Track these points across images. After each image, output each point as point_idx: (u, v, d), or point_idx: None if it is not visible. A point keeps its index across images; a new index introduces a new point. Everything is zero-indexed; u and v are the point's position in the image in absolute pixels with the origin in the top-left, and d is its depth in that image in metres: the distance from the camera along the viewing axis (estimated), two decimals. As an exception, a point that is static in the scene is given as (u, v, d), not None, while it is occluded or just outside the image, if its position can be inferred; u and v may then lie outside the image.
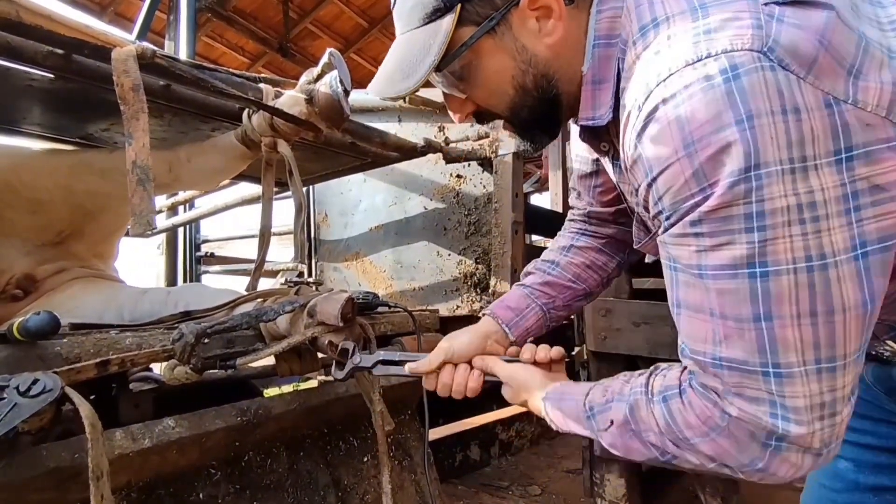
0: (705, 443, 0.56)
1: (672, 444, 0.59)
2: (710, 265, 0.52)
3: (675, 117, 0.50)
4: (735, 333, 0.52)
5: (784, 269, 0.49)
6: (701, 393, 0.56)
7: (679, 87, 0.50)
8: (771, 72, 0.48)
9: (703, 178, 0.49)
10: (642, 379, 0.64)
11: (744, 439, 0.54)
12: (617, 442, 0.64)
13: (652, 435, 0.60)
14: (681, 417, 0.57)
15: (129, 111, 0.97)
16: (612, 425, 0.63)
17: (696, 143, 0.49)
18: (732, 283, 0.51)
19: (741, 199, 0.48)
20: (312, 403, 1.23)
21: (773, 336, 0.50)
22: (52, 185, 1.37)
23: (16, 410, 0.66)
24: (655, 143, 0.52)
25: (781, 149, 0.47)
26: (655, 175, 0.53)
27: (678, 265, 0.55)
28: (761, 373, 0.51)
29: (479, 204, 2.19)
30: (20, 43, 0.98)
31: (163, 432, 0.94)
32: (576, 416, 0.68)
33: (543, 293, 0.90)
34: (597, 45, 0.61)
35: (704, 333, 0.54)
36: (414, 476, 1.51)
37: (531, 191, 5.63)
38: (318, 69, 1.25)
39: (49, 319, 0.81)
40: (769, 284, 0.49)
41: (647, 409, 0.61)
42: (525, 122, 0.70)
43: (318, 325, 0.96)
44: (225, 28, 6.18)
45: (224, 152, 1.42)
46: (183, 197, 2.61)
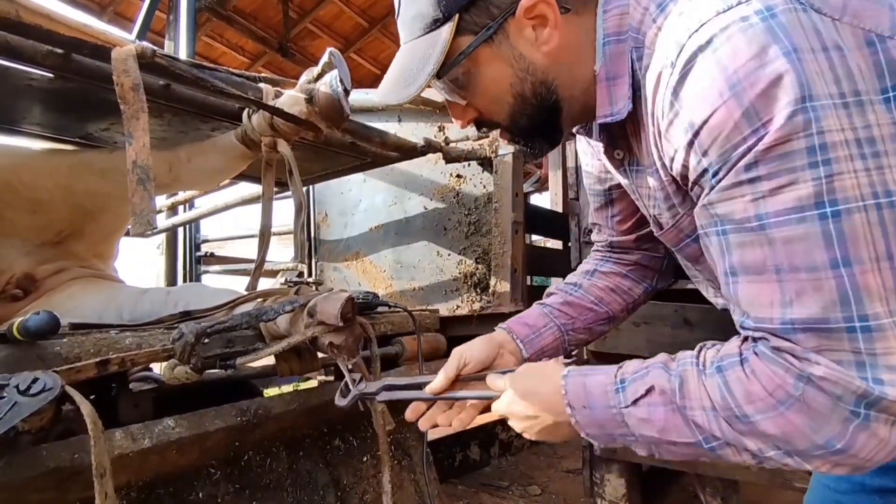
0: (771, 419, 0.48)
1: (726, 425, 0.51)
2: (771, 212, 0.47)
3: (716, 60, 0.48)
4: (810, 287, 0.46)
5: (855, 206, 0.44)
6: (770, 357, 0.49)
7: (715, 30, 0.48)
8: (804, 13, 0.47)
9: (756, 116, 0.46)
10: (690, 353, 0.57)
11: (823, 410, 0.46)
12: (654, 415, 0.55)
13: (700, 413, 0.52)
14: (741, 389, 0.50)
15: (129, 111, 0.97)
16: (650, 394, 0.55)
17: (744, 80, 0.46)
18: (801, 228, 0.46)
19: (801, 131, 0.45)
20: (312, 403, 1.23)
21: (854, 283, 0.45)
22: (52, 185, 1.37)
23: (16, 409, 0.66)
24: (696, 93, 0.49)
25: (829, 84, 0.45)
26: (699, 127, 0.50)
27: (729, 225, 0.50)
28: (846, 329, 0.45)
29: (479, 204, 2.19)
30: (19, 42, 0.98)
31: (162, 432, 0.94)
32: (602, 389, 0.59)
33: (563, 313, 0.87)
34: (607, 43, 0.61)
35: (771, 296, 0.48)
36: (413, 476, 1.51)
37: (531, 190, 5.63)
38: (319, 69, 1.25)
39: (49, 319, 0.81)
40: (842, 224, 0.44)
41: (699, 381, 0.53)
42: (524, 129, 0.70)
43: (318, 324, 0.96)
44: (225, 28, 6.18)
45: (224, 152, 1.42)
46: (183, 197, 2.61)
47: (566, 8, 0.61)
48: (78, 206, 1.43)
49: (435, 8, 0.62)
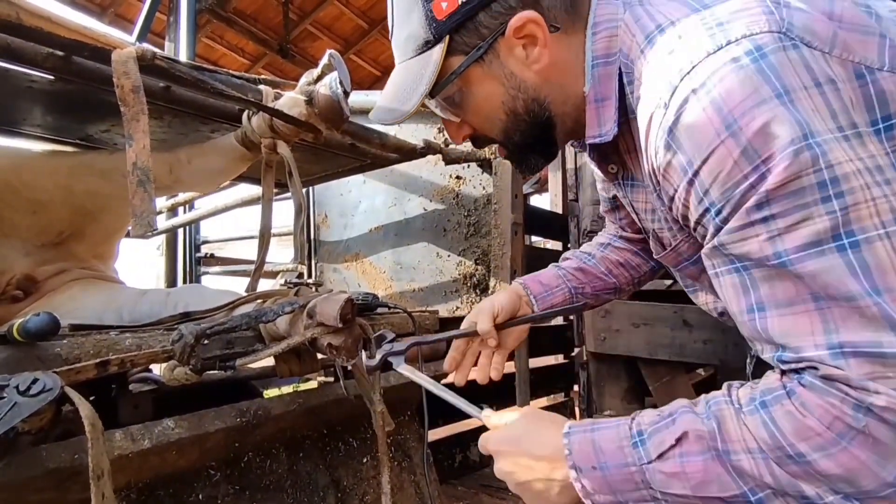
0: (831, 456, 0.44)
1: (777, 468, 0.46)
2: (790, 249, 0.46)
3: (710, 101, 0.48)
4: (854, 313, 0.44)
5: (875, 234, 0.44)
6: (821, 388, 0.45)
7: (707, 73, 0.48)
8: (794, 50, 0.47)
9: (755, 154, 0.46)
10: (719, 393, 0.52)
11: (891, 442, 0.43)
12: (689, 467, 0.48)
13: (745, 458, 0.47)
14: (792, 424, 0.45)
15: (129, 113, 0.97)
16: (681, 443, 0.49)
17: (739, 119, 0.47)
18: (823, 261, 0.45)
19: (809, 167, 0.44)
20: (312, 404, 1.23)
21: (893, 309, 0.43)
22: (53, 186, 1.37)
23: (15, 410, 0.66)
24: (692, 133, 0.49)
25: (826, 119, 0.46)
26: (698, 167, 0.50)
27: (748, 262, 0.49)
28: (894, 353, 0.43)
29: (479, 205, 2.19)
30: (20, 45, 0.98)
31: (162, 433, 0.95)
32: (615, 445, 0.53)
33: (575, 277, 0.94)
34: (596, 66, 0.62)
35: (811, 325, 0.46)
36: (413, 477, 1.51)
37: (530, 192, 5.63)
38: (318, 70, 1.25)
39: (49, 320, 0.82)
40: (863, 254, 0.44)
41: (738, 420, 0.48)
42: (518, 145, 0.71)
43: (317, 325, 0.97)
44: (225, 29, 6.19)
45: (224, 154, 1.42)
46: (183, 198, 2.62)
47: (555, 27, 0.62)
48: (78, 207, 1.43)
49: (426, 30, 0.62)
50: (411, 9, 0.63)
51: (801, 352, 0.47)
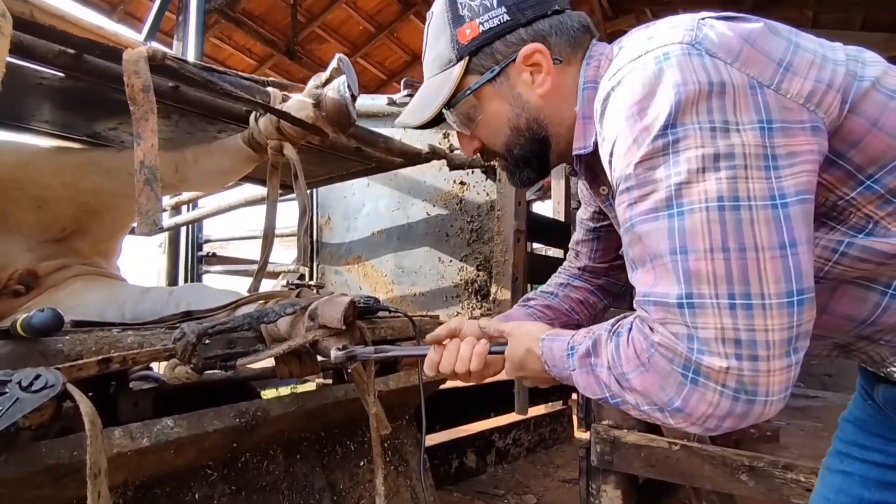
0: (637, 377, 0.59)
1: (616, 383, 0.62)
2: (637, 213, 0.58)
3: (620, 96, 0.59)
4: (661, 270, 0.56)
5: (697, 207, 0.54)
6: (637, 328, 0.60)
7: (623, 75, 0.60)
8: (698, 57, 0.56)
9: (642, 139, 0.57)
10: (614, 318, 0.68)
11: (664, 369, 0.56)
12: (581, 377, 0.66)
13: (604, 371, 0.63)
14: (622, 352, 0.61)
15: (138, 112, 0.98)
16: (582, 359, 0.66)
17: (636, 113, 0.57)
18: (654, 225, 0.56)
19: (660, 151, 0.56)
20: (310, 406, 1.23)
21: (687, 268, 0.54)
22: (58, 183, 1.38)
23: (17, 405, 0.67)
24: (608, 122, 0.61)
25: (701, 113, 0.55)
26: (611, 148, 0.61)
27: (621, 228, 0.62)
28: (677, 304, 0.55)
29: (482, 211, 2.19)
30: (32, 42, 0.99)
31: (161, 432, 0.95)
32: (560, 354, 0.70)
33: (544, 314, 0.99)
34: (586, 88, 0.73)
35: (644, 280, 0.59)
36: (410, 482, 1.51)
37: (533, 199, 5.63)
38: (327, 74, 1.26)
39: (53, 317, 0.82)
40: (684, 221, 0.54)
41: (605, 345, 0.64)
42: (517, 158, 0.80)
43: (319, 328, 0.97)
44: (233, 30, 6.22)
45: (230, 154, 1.43)
46: (186, 197, 2.62)
47: (559, 59, 0.74)
48: (83, 203, 1.44)
49: (451, 51, 0.75)
50: (441, 33, 0.76)
51: (636, 298, 0.60)
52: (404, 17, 6.87)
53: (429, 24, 0.79)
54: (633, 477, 1.72)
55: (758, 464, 1.43)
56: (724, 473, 1.47)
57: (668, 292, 0.55)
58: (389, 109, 2.35)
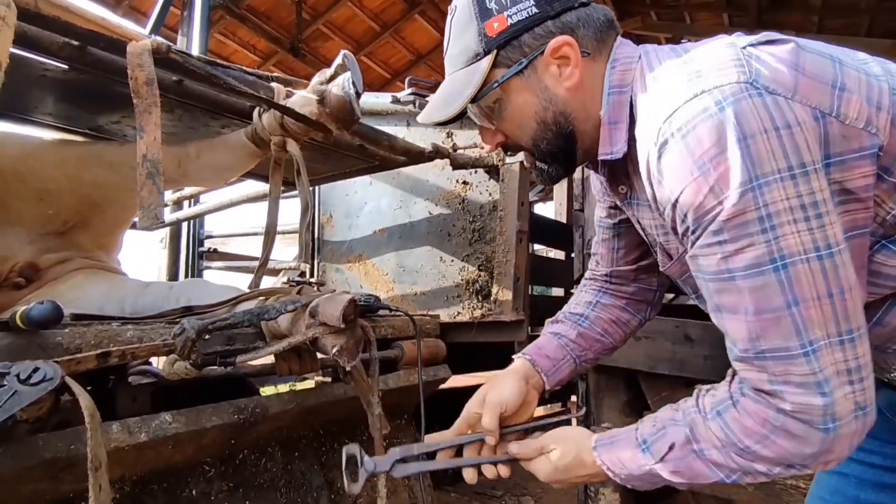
0: (766, 447, 0.60)
1: (737, 457, 0.62)
2: (738, 267, 0.59)
3: (685, 146, 0.60)
4: (771, 324, 0.58)
5: (798, 259, 0.57)
6: (753, 398, 0.61)
7: (683, 121, 0.60)
8: (759, 97, 0.57)
9: (719, 191, 0.58)
10: (691, 401, 0.69)
11: (801, 433, 0.58)
12: (681, 467, 0.66)
13: (714, 452, 0.63)
14: (738, 426, 0.62)
15: (141, 105, 0.97)
16: (672, 450, 0.66)
17: (707, 163, 0.58)
18: (761, 280, 0.58)
19: (751, 206, 0.57)
20: (309, 404, 1.22)
21: (803, 318, 0.57)
22: (60, 175, 1.38)
23: (15, 398, 0.66)
24: (672, 169, 0.62)
25: (779, 160, 0.56)
26: (677, 196, 0.62)
27: (707, 275, 0.63)
28: (802, 353, 0.57)
29: (485, 211, 2.19)
30: (37, 33, 0.99)
31: (159, 427, 0.94)
32: (631, 454, 0.70)
33: (578, 345, 0.96)
34: (611, 93, 0.73)
35: (746, 332, 0.60)
36: (408, 481, 1.50)
37: (535, 200, 5.62)
38: (332, 70, 1.25)
39: (53, 309, 0.81)
40: (790, 274, 0.57)
41: (705, 426, 0.64)
42: (544, 153, 0.79)
43: (319, 325, 0.96)
44: (238, 26, 6.22)
45: (233, 150, 1.42)
46: (188, 192, 2.62)
47: (587, 52, 0.73)
48: (85, 196, 1.43)
49: (478, 44, 0.73)
50: (467, 27, 0.74)
51: (743, 352, 0.62)
52: (409, 17, 6.87)
53: (452, 17, 0.77)
54: (632, 480, 1.71)
55: (757, 469, 1.43)
56: (724, 478, 1.47)
57: (788, 345, 0.58)
58: (393, 107, 2.34)
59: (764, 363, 0.59)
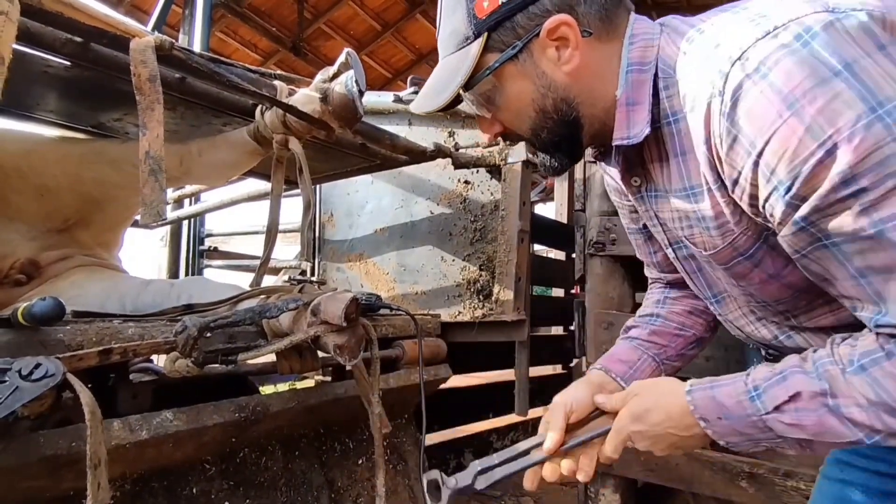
0: None
1: (887, 417, 0.53)
2: (885, 217, 0.48)
3: (768, 84, 0.50)
4: None
5: None
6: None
7: (760, 58, 0.51)
8: (849, 19, 0.49)
9: (821, 130, 0.48)
10: (823, 352, 0.59)
11: None
12: (805, 420, 0.56)
13: (856, 410, 0.54)
14: (893, 385, 0.52)
15: (144, 101, 0.97)
16: (795, 399, 0.56)
17: (801, 98, 0.48)
18: None
19: (885, 139, 0.47)
20: (310, 403, 1.22)
21: None
22: (61, 172, 1.37)
23: (17, 394, 0.66)
24: (752, 116, 0.52)
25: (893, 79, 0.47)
26: (762, 147, 0.52)
27: (839, 238, 0.52)
28: None
29: (486, 211, 2.18)
30: (39, 29, 0.98)
31: (160, 425, 0.94)
32: (735, 400, 0.60)
33: (653, 343, 0.89)
34: (630, 71, 0.65)
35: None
36: (408, 481, 1.50)
37: (536, 200, 5.62)
38: (335, 68, 1.25)
39: (55, 306, 0.81)
40: None
41: (845, 380, 0.54)
42: (545, 143, 0.73)
43: (321, 324, 0.96)
44: (239, 24, 6.22)
45: (235, 147, 1.42)
46: (189, 190, 2.62)
47: (588, 31, 0.65)
48: (86, 194, 1.43)
49: (467, 26, 0.67)
50: (455, 7, 0.68)
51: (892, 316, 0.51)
52: (410, 16, 6.88)
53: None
54: (632, 481, 1.71)
55: (758, 470, 1.43)
56: (724, 479, 1.47)
57: None
58: (395, 106, 2.34)
59: None
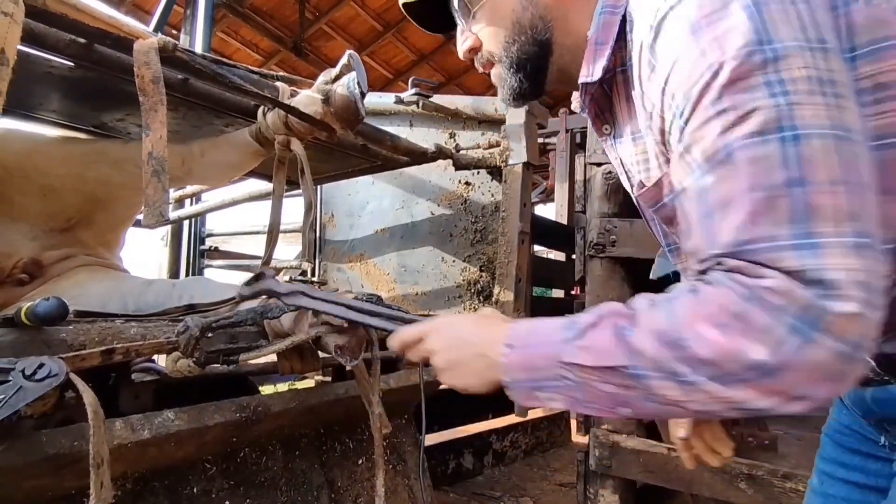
0: (707, 338, 0.46)
1: (662, 348, 0.49)
2: (738, 136, 0.48)
3: (683, 14, 0.52)
4: (765, 207, 0.46)
5: (815, 132, 0.46)
6: (720, 280, 0.48)
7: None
8: None
9: (712, 54, 0.49)
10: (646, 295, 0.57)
11: (762, 324, 0.44)
12: (597, 341, 0.53)
13: (637, 333, 0.50)
14: (684, 312, 0.49)
15: (147, 103, 0.97)
16: (599, 323, 0.54)
17: (704, 28, 0.50)
18: (762, 149, 0.46)
19: (758, 69, 0.47)
20: (311, 403, 1.23)
21: (807, 202, 0.45)
22: (65, 172, 1.38)
23: (20, 393, 0.66)
24: (666, 45, 0.53)
25: (795, 30, 0.48)
26: (667, 75, 0.53)
27: (701, 164, 0.50)
28: (792, 246, 0.45)
29: (487, 212, 2.19)
30: (43, 30, 0.99)
31: (162, 424, 0.94)
32: (552, 327, 0.58)
33: None
34: (603, 13, 0.66)
35: (735, 223, 0.47)
36: (407, 481, 1.50)
37: (536, 201, 5.63)
38: (337, 70, 1.26)
39: (58, 305, 0.82)
40: (800, 147, 0.46)
41: (649, 312, 0.52)
42: (513, 58, 0.73)
43: (322, 324, 0.97)
44: (240, 25, 6.23)
45: (237, 148, 1.43)
46: (190, 190, 2.63)
47: None
48: (89, 194, 1.44)
49: None
50: None
51: (716, 249, 0.49)
52: (412, 17, 6.87)
53: None
54: (632, 482, 1.72)
55: (757, 472, 1.43)
56: (724, 481, 1.47)
57: (779, 233, 0.45)
58: (396, 108, 2.34)
59: (747, 255, 0.47)
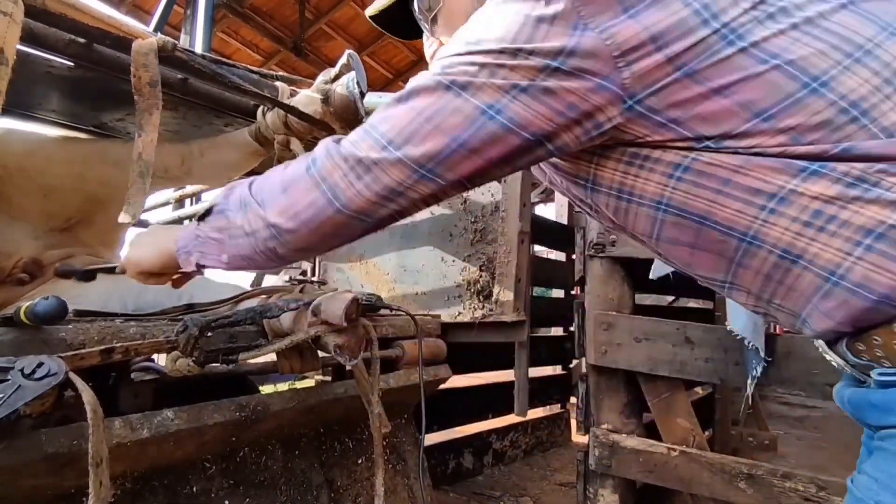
0: (277, 198, 0.62)
1: (250, 207, 0.64)
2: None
3: None
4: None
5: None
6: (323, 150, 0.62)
7: None
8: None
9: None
10: None
11: (306, 183, 0.61)
12: (233, 192, 0.67)
13: (257, 184, 0.65)
14: (278, 175, 0.63)
15: (143, 104, 0.98)
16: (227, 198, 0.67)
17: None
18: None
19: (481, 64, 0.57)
20: (310, 402, 1.23)
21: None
22: (65, 172, 1.38)
23: (19, 392, 0.66)
24: None
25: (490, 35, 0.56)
26: None
27: None
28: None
29: (487, 212, 2.19)
30: (43, 30, 0.99)
31: (161, 423, 0.94)
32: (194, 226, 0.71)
33: None
34: None
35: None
36: (407, 481, 1.51)
37: (536, 201, 5.62)
38: (336, 70, 1.26)
39: (58, 305, 0.82)
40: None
41: (247, 184, 0.66)
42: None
43: (321, 324, 0.97)
44: (240, 25, 6.24)
45: (237, 148, 1.43)
46: (190, 190, 2.62)
47: None
48: (89, 194, 1.44)
49: None
50: None
51: None
52: (412, 17, 6.87)
53: None
54: (631, 482, 1.71)
55: (757, 472, 1.43)
56: (723, 481, 1.47)
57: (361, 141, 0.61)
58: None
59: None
